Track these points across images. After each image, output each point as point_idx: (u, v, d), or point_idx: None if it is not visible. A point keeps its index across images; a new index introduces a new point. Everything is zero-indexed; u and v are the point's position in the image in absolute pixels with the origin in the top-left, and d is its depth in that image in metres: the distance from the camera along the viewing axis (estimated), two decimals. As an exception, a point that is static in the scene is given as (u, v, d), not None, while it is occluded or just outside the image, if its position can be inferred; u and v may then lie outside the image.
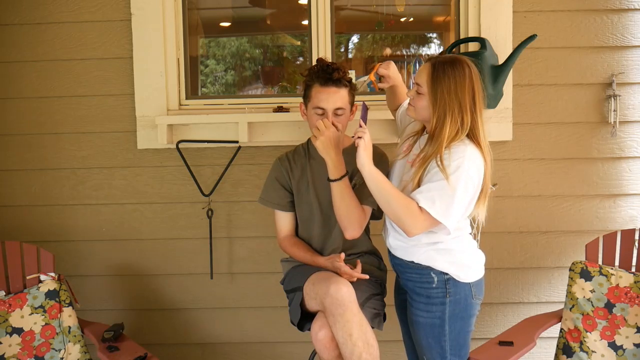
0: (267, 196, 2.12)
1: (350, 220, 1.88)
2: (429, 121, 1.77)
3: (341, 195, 1.86)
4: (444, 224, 1.68)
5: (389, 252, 1.94)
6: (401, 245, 1.84)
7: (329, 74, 1.92)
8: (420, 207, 1.68)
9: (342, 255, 1.91)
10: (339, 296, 1.73)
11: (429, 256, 1.79)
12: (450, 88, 1.69)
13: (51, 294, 2.20)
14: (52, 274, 2.24)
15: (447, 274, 1.79)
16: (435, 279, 1.79)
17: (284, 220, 2.12)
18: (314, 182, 2.05)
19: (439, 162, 1.67)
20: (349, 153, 2.05)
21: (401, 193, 1.71)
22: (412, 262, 1.82)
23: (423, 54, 3.02)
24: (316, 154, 2.07)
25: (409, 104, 1.84)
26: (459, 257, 1.81)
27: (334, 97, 1.92)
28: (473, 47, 2.47)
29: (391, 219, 1.75)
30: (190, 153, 2.53)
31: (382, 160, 1.99)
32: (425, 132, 1.87)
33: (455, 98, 1.69)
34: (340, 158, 1.88)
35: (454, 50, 2.51)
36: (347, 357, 1.75)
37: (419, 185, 1.72)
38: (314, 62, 2.50)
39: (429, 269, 1.80)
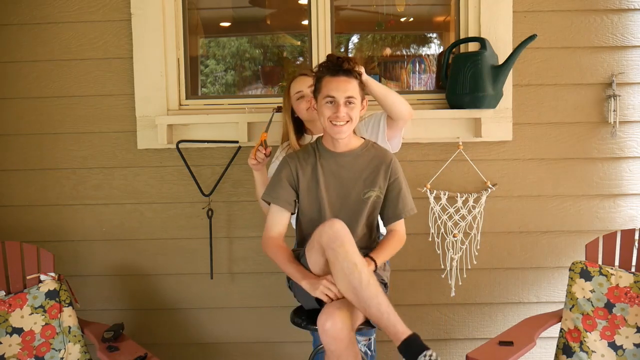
0: (273, 192, 2.03)
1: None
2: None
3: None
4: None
5: None
6: None
7: (339, 65, 1.92)
8: None
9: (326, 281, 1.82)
10: (334, 230, 1.77)
11: None
12: None
13: (51, 294, 2.20)
14: (52, 274, 2.24)
15: None
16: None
17: (280, 219, 2.02)
18: (324, 180, 2.02)
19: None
20: (359, 155, 2.03)
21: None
22: None
23: (423, 54, 3.02)
24: (325, 153, 2.04)
25: (308, 108, 2.15)
26: None
27: (344, 86, 1.92)
28: (473, 47, 2.47)
29: (396, 108, 2.12)
30: (190, 153, 2.53)
31: (397, 165, 2.04)
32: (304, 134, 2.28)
33: None
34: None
35: (454, 50, 2.51)
36: (356, 286, 1.71)
37: None
38: (314, 62, 2.49)
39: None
